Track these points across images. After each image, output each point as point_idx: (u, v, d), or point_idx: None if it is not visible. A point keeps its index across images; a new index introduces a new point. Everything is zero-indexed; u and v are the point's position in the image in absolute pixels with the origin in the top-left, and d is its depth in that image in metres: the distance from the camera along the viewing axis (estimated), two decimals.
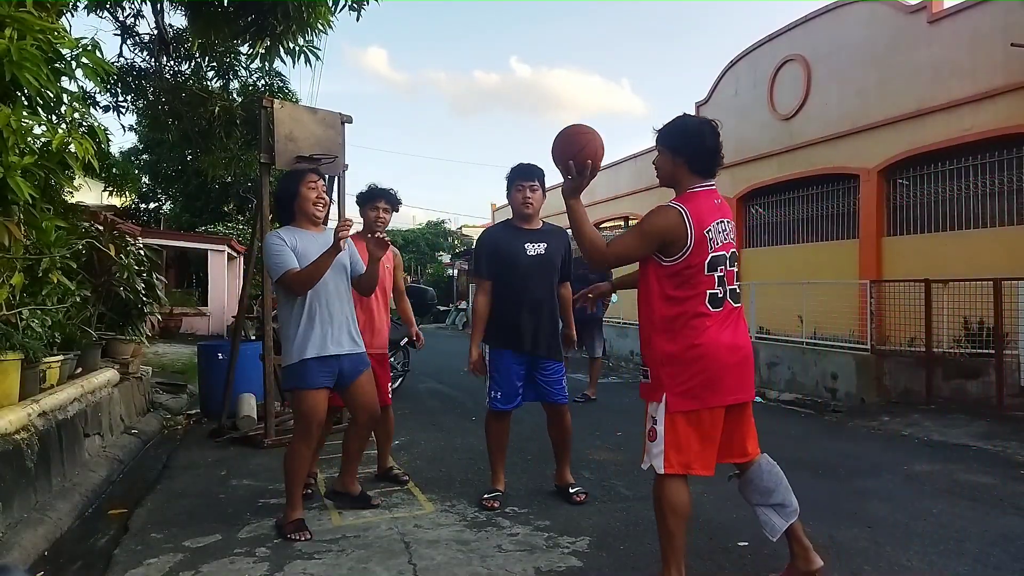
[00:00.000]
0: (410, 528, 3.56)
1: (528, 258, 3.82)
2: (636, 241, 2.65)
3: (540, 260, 3.85)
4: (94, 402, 4.86)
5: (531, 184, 3.85)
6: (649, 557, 3.16)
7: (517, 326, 3.81)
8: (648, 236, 2.61)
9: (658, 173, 2.79)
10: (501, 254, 3.88)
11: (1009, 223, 8.74)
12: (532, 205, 3.85)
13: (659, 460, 2.62)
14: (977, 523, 3.62)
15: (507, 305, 3.84)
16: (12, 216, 3.61)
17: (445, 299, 27.12)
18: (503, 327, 3.86)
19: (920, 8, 9.84)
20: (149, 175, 21.40)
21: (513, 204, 3.93)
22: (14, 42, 3.23)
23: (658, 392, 2.65)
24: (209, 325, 17.15)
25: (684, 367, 2.60)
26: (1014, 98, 8.50)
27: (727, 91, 13.89)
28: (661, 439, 2.62)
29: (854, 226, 10.97)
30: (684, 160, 2.67)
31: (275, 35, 6.29)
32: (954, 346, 7.46)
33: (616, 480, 4.47)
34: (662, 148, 2.73)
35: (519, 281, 3.81)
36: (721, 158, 2.72)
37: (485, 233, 4.20)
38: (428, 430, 6.18)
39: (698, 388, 2.59)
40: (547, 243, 3.88)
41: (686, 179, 2.69)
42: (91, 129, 3.97)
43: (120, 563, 3.14)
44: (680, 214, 2.58)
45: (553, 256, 3.90)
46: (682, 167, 2.68)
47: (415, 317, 4.97)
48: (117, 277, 6.22)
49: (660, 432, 2.63)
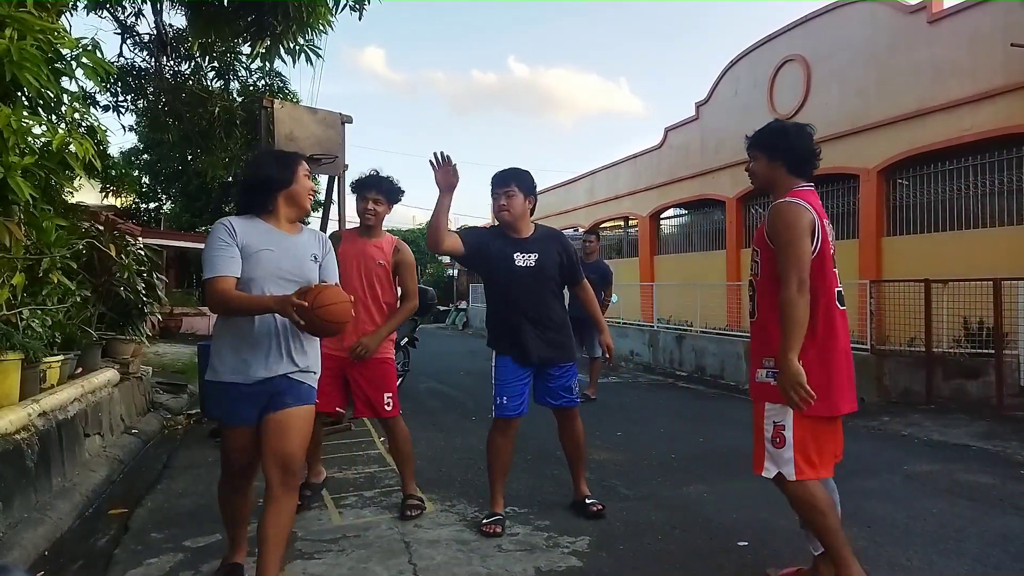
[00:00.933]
0: (410, 528, 3.56)
1: (518, 268, 3.60)
2: (801, 248, 2.51)
3: (531, 272, 3.61)
4: (94, 402, 4.86)
5: (505, 190, 3.60)
6: (649, 557, 3.17)
7: (516, 339, 3.64)
8: (804, 235, 2.53)
9: (754, 179, 2.80)
10: (489, 254, 3.66)
11: (1009, 223, 8.75)
12: (508, 211, 3.61)
13: (789, 467, 2.54)
14: (977, 523, 3.62)
15: (503, 314, 3.70)
16: (12, 216, 3.61)
17: (445, 299, 27.10)
18: (502, 336, 3.71)
19: (920, 8, 9.85)
20: (149, 175, 21.40)
21: (493, 212, 3.74)
22: (14, 42, 3.24)
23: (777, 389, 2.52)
24: (209, 325, 17.13)
25: (819, 367, 2.50)
26: (1014, 98, 8.51)
27: (727, 91, 13.89)
28: (790, 445, 2.54)
29: (854, 226, 10.98)
30: (782, 162, 2.69)
31: (275, 35, 6.29)
32: (954, 346, 7.47)
33: (616, 480, 4.47)
34: (757, 153, 2.76)
35: (512, 292, 3.64)
36: (819, 160, 2.74)
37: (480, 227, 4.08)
38: (428, 430, 6.18)
39: (833, 391, 2.52)
40: (538, 252, 3.64)
41: (785, 181, 2.69)
42: (90, 128, 3.98)
43: (120, 563, 3.15)
44: (807, 209, 2.55)
45: (546, 265, 3.65)
46: (780, 168, 2.69)
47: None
48: (117, 277, 6.22)
49: (789, 438, 2.54)
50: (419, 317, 9.52)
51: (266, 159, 2.83)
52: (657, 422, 6.48)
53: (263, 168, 2.71)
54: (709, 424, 6.26)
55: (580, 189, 21.11)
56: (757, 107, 12.83)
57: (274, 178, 2.65)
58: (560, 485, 4.32)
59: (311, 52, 6.63)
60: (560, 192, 22.32)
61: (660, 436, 4.70)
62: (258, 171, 2.71)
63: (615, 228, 19.92)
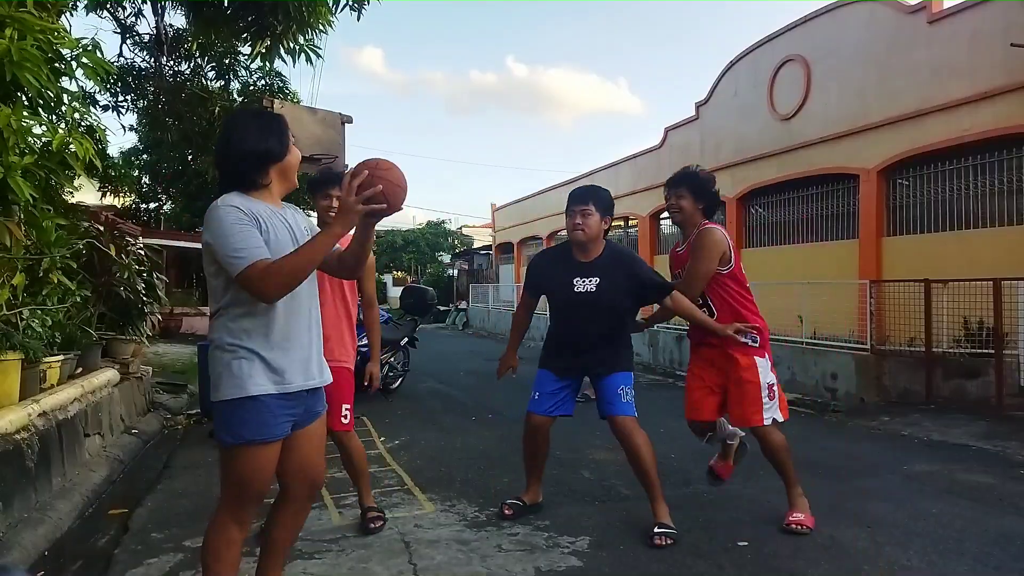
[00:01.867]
0: (410, 528, 3.56)
1: (575, 295, 3.47)
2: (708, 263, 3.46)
3: (590, 298, 3.46)
4: (94, 402, 4.86)
5: (583, 208, 3.46)
6: (649, 556, 3.17)
7: (566, 362, 3.60)
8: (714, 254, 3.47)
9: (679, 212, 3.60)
10: (549, 282, 3.61)
11: (1009, 223, 8.74)
12: (583, 231, 3.46)
13: (780, 413, 3.50)
14: (977, 523, 3.62)
15: (560, 336, 3.63)
16: (12, 216, 3.61)
17: (445, 299, 27.11)
18: (551, 355, 3.66)
19: (920, 8, 9.84)
20: (149, 175, 21.39)
21: (567, 230, 3.57)
22: (14, 42, 3.24)
23: (762, 350, 3.47)
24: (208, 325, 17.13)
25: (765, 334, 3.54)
26: (1014, 98, 8.50)
27: (727, 91, 13.89)
28: (778, 396, 3.51)
29: (854, 226, 10.97)
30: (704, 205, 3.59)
31: (275, 35, 6.29)
32: (954, 346, 7.46)
33: (616, 480, 4.47)
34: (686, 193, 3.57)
35: (568, 316, 3.56)
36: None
37: (537, 256, 3.92)
38: (428, 430, 6.19)
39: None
40: (599, 278, 3.46)
41: (699, 219, 3.58)
42: (90, 128, 3.98)
43: (120, 563, 3.15)
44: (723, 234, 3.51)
45: (608, 292, 3.45)
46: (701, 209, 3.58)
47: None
48: (117, 277, 6.23)
49: (777, 392, 3.50)
50: (419, 317, 9.55)
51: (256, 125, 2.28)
52: (657, 422, 6.47)
53: (260, 138, 2.24)
54: None
55: None
56: (757, 107, 12.83)
57: (273, 150, 2.25)
58: (560, 485, 4.33)
59: (311, 52, 6.63)
60: (560, 192, 22.31)
61: (660, 436, 4.69)
62: (255, 142, 2.23)
63: (615, 228, 19.91)
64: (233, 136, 2.25)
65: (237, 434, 2.13)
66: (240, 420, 2.12)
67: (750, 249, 13.43)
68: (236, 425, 2.13)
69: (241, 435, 2.12)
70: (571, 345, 3.57)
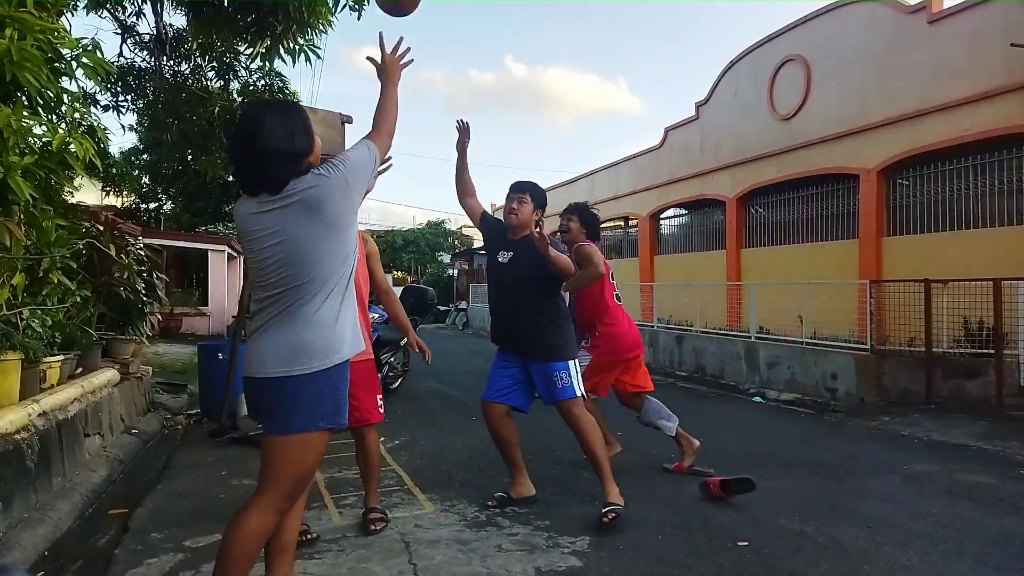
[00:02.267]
0: (410, 528, 3.56)
1: (498, 263, 3.91)
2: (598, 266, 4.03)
3: (506, 268, 3.86)
4: (94, 402, 4.86)
5: (519, 196, 3.88)
6: (649, 556, 3.17)
7: (498, 329, 4.01)
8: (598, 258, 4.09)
9: (567, 233, 4.42)
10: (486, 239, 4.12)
11: (1009, 223, 8.75)
12: (516, 215, 3.85)
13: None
14: (977, 523, 3.62)
15: (492, 308, 4.08)
16: (12, 216, 3.61)
17: (445, 299, 27.11)
18: (494, 332, 4.07)
19: (920, 8, 9.85)
20: (149, 175, 21.39)
21: (503, 213, 4.04)
22: (14, 42, 3.24)
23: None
24: (209, 325, 17.16)
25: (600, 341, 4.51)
26: (1014, 98, 8.51)
27: (727, 91, 13.89)
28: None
29: (854, 226, 10.97)
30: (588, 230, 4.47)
31: (275, 35, 6.29)
32: (954, 346, 7.46)
33: (616, 480, 4.45)
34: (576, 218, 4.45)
35: (494, 286, 3.98)
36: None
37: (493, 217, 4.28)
38: (428, 430, 6.19)
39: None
40: (514, 252, 3.85)
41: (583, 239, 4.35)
42: (90, 128, 3.98)
43: (120, 563, 3.15)
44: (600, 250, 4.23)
45: (521, 261, 3.80)
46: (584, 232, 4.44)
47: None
48: (117, 277, 6.22)
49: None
50: (419, 317, 9.55)
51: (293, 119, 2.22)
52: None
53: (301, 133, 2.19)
54: (709, 424, 6.26)
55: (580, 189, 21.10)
56: (757, 107, 12.84)
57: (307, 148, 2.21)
58: (560, 485, 4.33)
59: (311, 52, 6.62)
60: (560, 192, 22.29)
61: (660, 436, 4.69)
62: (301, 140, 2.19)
63: (615, 228, 19.92)
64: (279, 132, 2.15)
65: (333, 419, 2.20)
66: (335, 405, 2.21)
67: (750, 249, 13.45)
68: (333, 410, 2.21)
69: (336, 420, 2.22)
70: (502, 320, 3.97)
